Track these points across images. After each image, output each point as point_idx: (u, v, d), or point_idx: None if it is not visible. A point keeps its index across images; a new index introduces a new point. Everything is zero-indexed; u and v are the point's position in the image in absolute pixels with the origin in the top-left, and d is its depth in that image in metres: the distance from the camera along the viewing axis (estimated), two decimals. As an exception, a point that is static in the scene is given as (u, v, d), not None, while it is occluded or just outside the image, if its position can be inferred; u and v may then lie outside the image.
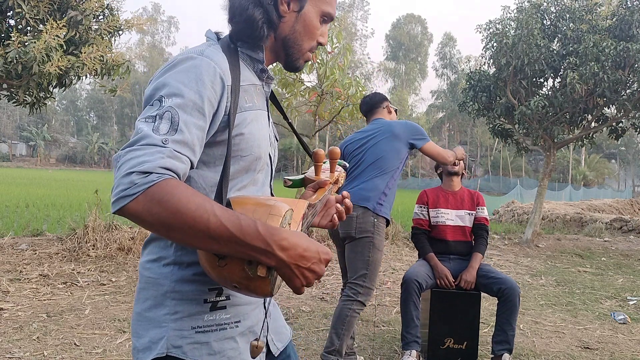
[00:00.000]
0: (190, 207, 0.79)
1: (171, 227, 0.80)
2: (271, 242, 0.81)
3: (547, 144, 9.58)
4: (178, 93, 0.91)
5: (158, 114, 0.88)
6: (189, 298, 0.98)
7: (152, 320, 0.98)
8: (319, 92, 6.65)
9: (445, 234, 3.46)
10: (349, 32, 53.02)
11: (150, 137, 0.85)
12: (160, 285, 0.99)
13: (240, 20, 1.04)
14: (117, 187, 0.80)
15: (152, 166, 0.81)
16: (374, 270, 2.82)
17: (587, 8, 8.93)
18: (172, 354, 0.95)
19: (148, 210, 0.79)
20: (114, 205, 0.80)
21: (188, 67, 0.94)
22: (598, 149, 45.67)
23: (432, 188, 3.62)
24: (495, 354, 3.13)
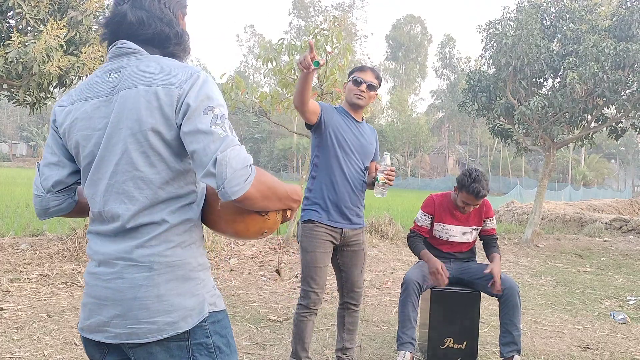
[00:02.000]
0: (274, 182, 1.19)
1: (267, 197, 1.16)
2: (299, 194, 1.29)
3: (546, 144, 9.59)
4: (222, 104, 1.17)
5: (220, 122, 1.13)
6: (206, 267, 1.26)
7: (183, 294, 1.18)
8: (319, 92, 6.66)
9: (448, 247, 3.45)
10: (349, 32, 53.02)
11: (234, 139, 1.12)
12: (187, 264, 1.20)
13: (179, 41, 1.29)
14: (237, 178, 1.08)
15: (250, 159, 1.12)
16: (306, 272, 2.75)
17: (586, 8, 8.95)
18: (212, 310, 1.23)
19: (257, 190, 1.12)
20: (237, 192, 1.09)
21: (213, 83, 1.20)
22: (598, 149, 45.66)
23: (441, 196, 3.46)
24: (504, 357, 3.12)
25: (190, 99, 1.14)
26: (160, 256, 1.16)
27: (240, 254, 6.33)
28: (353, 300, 2.94)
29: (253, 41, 66.30)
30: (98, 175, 1.20)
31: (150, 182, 1.17)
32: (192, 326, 1.19)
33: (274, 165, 58.30)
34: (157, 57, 1.22)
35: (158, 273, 1.16)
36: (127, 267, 1.16)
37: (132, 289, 1.16)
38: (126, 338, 1.17)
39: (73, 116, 1.23)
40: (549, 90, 9.62)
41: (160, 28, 1.23)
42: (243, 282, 5.27)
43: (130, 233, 1.17)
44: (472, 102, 9.91)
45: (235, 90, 6.60)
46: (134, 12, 1.22)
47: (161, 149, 1.16)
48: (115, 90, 1.18)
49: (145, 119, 1.14)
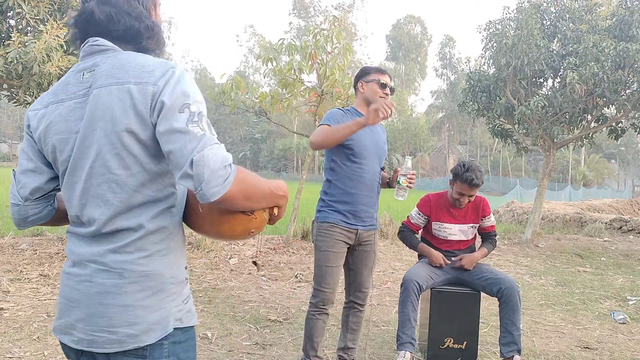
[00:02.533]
0: (256, 180, 1.14)
1: (250, 197, 1.12)
2: (285, 189, 1.24)
3: (546, 144, 9.59)
4: (199, 101, 1.12)
5: (198, 120, 1.08)
6: (179, 279, 1.20)
7: (150, 306, 1.13)
8: (319, 92, 6.65)
9: (447, 245, 3.46)
10: (349, 32, 53.02)
11: (212, 138, 1.07)
12: (160, 275, 1.14)
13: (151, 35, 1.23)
14: (216, 179, 1.03)
15: (230, 158, 1.08)
16: (318, 272, 2.79)
17: (586, 8, 8.94)
18: (176, 326, 1.16)
19: (238, 190, 1.07)
20: (216, 193, 1.04)
21: (190, 78, 1.14)
22: (598, 149, 45.64)
23: (438, 195, 3.48)
24: (505, 357, 3.12)
25: (165, 96, 1.08)
26: (132, 264, 1.12)
27: (240, 254, 6.33)
28: (359, 300, 2.95)
29: (253, 41, 66.28)
30: (74, 178, 1.15)
31: (125, 185, 1.11)
32: (154, 341, 1.13)
33: (274, 165, 58.28)
34: (131, 54, 1.16)
35: (128, 282, 1.11)
36: (98, 271, 1.12)
37: (99, 295, 1.11)
38: (87, 345, 1.13)
39: (47, 120, 1.17)
40: (549, 90, 9.62)
41: (130, 23, 1.18)
42: (243, 282, 5.27)
43: (106, 237, 1.13)
44: (472, 102, 9.91)
45: (235, 90, 6.60)
46: (101, 8, 1.16)
47: (136, 150, 1.11)
48: (89, 91, 1.13)
49: (118, 119, 1.09)
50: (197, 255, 6.03)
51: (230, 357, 3.26)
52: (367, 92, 2.83)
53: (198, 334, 3.60)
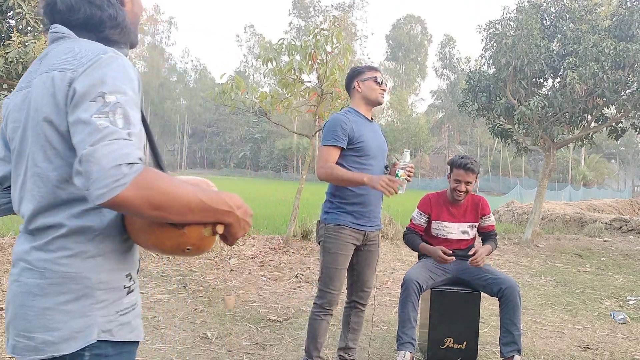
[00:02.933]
0: (175, 188, 0.96)
1: (160, 207, 0.94)
2: (232, 204, 1.05)
3: (546, 144, 9.59)
4: (120, 90, 0.99)
5: (110, 109, 0.96)
6: (113, 286, 1.07)
7: (72, 312, 1.02)
8: (319, 92, 6.65)
9: (446, 244, 3.46)
10: (349, 32, 53.01)
11: (118, 132, 0.94)
12: (85, 279, 1.03)
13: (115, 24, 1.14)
14: (104, 179, 0.89)
15: (134, 157, 0.92)
16: (326, 273, 2.78)
17: (586, 8, 8.94)
18: (102, 338, 1.04)
19: (138, 195, 0.91)
20: (103, 196, 0.89)
21: (118, 66, 1.02)
22: (598, 149, 45.64)
23: (437, 194, 3.50)
24: (505, 357, 3.12)
25: (79, 82, 0.99)
26: (54, 263, 1.03)
27: (240, 254, 6.33)
28: (361, 299, 2.96)
29: (253, 41, 66.30)
30: (17, 171, 1.10)
31: (47, 180, 1.03)
32: (73, 351, 1.02)
33: (274, 165, 58.28)
34: (80, 41, 1.09)
35: (49, 282, 1.02)
36: (24, 270, 1.05)
37: (22, 295, 1.04)
38: (11, 351, 1.06)
39: (8, 109, 1.14)
40: (549, 90, 9.62)
41: (91, 12, 1.11)
42: (243, 282, 5.27)
43: (33, 234, 1.06)
44: (472, 102, 9.91)
45: (235, 90, 6.60)
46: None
47: (56, 142, 1.02)
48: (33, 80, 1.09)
49: (40, 108, 1.03)
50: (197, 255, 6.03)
51: (230, 357, 3.26)
52: (365, 91, 2.84)
53: (198, 334, 3.60)
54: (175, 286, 4.86)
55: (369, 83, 2.84)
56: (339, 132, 2.69)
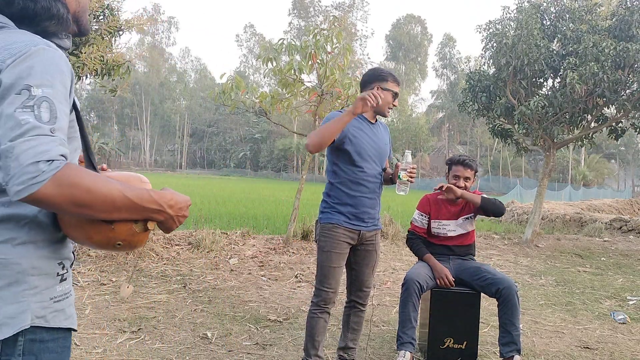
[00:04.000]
0: (99, 186, 0.97)
1: (82, 204, 0.96)
2: (162, 203, 1.07)
3: (546, 144, 9.59)
4: (48, 84, 0.98)
5: (35, 103, 0.96)
6: (46, 273, 1.07)
7: (4, 298, 1.02)
8: (319, 92, 6.65)
9: (447, 241, 3.47)
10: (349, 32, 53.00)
11: (40, 128, 0.94)
12: (16, 264, 1.03)
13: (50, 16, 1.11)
14: (21, 176, 0.90)
15: (54, 154, 0.93)
16: (320, 271, 2.80)
17: (586, 8, 8.94)
18: (36, 324, 1.04)
19: (58, 193, 0.92)
20: (20, 192, 0.91)
21: (53, 57, 1.02)
22: (598, 149, 45.64)
23: (435, 194, 3.51)
24: (504, 357, 3.12)
25: (5, 74, 0.97)
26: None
27: (240, 254, 6.33)
28: (360, 299, 2.97)
29: (253, 41, 66.33)
30: None
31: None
32: (6, 337, 1.01)
33: (274, 165, 58.29)
34: (15, 32, 1.06)
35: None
36: None
37: None
38: None
39: None
40: (549, 90, 9.62)
41: (24, 4, 1.08)
42: (243, 282, 5.27)
43: None
44: (472, 102, 9.91)
45: (235, 90, 6.60)
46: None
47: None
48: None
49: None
50: (197, 255, 6.03)
51: (230, 357, 3.26)
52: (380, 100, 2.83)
53: (198, 334, 3.61)
54: (175, 286, 4.86)
55: (387, 94, 2.82)
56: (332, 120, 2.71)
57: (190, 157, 72.24)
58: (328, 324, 2.90)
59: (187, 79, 71.45)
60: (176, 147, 71.08)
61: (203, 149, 71.17)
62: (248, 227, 7.80)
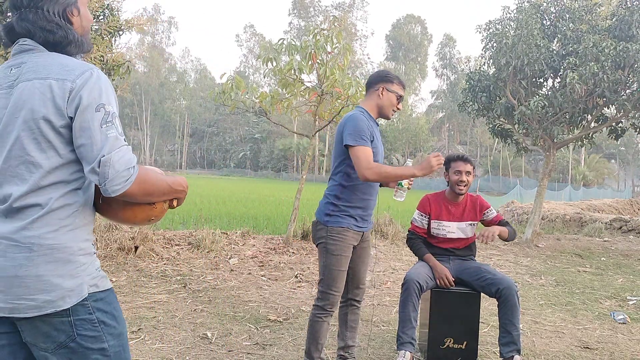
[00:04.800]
0: (157, 179, 1.37)
1: (149, 193, 1.35)
2: (184, 185, 1.48)
3: (546, 144, 9.59)
4: (112, 101, 1.30)
5: (111, 120, 1.27)
6: (88, 252, 1.36)
7: (62, 275, 1.28)
8: (319, 92, 6.65)
9: (446, 243, 3.47)
10: (349, 32, 53.01)
11: (120, 140, 1.27)
12: (68, 248, 1.29)
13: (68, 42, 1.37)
14: (119, 178, 1.24)
15: (134, 161, 1.28)
16: (329, 275, 2.76)
17: (586, 8, 8.94)
18: (92, 291, 1.34)
19: (138, 188, 1.29)
20: (117, 191, 1.25)
21: (106, 81, 1.32)
22: (598, 149, 45.67)
23: (435, 194, 3.52)
24: (504, 357, 3.12)
25: (84, 93, 1.25)
26: (40, 238, 1.25)
27: (240, 254, 6.33)
28: (357, 297, 2.98)
29: (253, 41, 66.33)
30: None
31: (39, 167, 1.26)
32: (71, 305, 1.29)
33: (274, 165, 58.26)
34: (55, 55, 1.33)
35: (37, 254, 1.25)
36: (10, 247, 1.25)
37: (14, 268, 1.24)
38: (8, 312, 1.27)
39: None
40: (549, 90, 9.62)
41: (45, 36, 1.33)
42: (243, 282, 5.27)
43: (16, 214, 1.26)
44: (472, 102, 9.91)
45: (235, 90, 6.60)
46: (20, 24, 1.33)
47: (51, 137, 1.26)
48: (14, 84, 1.29)
49: (37, 109, 1.25)
50: (197, 255, 6.03)
51: (230, 357, 3.26)
52: (385, 101, 2.83)
53: (198, 334, 3.61)
54: (175, 286, 4.86)
55: (392, 96, 2.83)
56: (367, 132, 2.67)
57: (190, 157, 72.24)
58: (330, 325, 2.90)
59: (187, 79, 71.46)
60: (176, 147, 71.09)
61: (203, 149, 71.18)
62: (248, 227, 7.80)
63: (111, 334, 1.37)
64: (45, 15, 1.34)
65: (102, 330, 1.36)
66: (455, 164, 3.38)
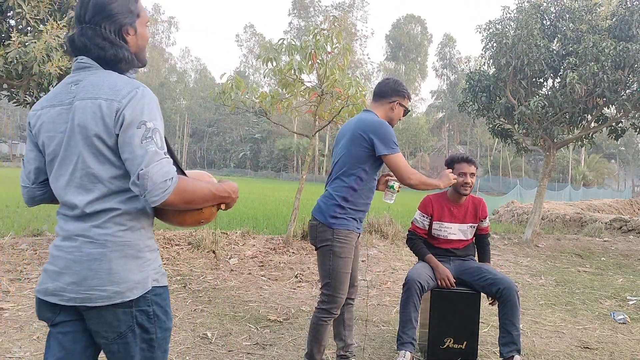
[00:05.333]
0: (197, 188, 1.46)
1: (189, 202, 1.44)
2: (229, 191, 1.57)
3: (546, 144, 9.58)
4: (155, 118, 1.41)
5: (151, 136, 1.37)
6: (153, 249, 1.52)
7: (130, 269, 1.43)
8: (319, 92, 6.64)
9: (447, 244, 3.47)
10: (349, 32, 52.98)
11: (159, 154, 1.37)
12: (135, 245, 1.45)
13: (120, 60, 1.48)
14: (157, 190, 1.34)
15: (173, 173, 1.38)
16: (336, 278, 2.74)
17: (586, 8, 8.93)
18: (155, 285, 1.49)
19: (177, 198, 1.38)
20: (156, 201, 1.35)
21: (152, 97, 1.43)
22: (598, 149, 45.65)
23: (437, 195, 3.52)
24: (504, 357, 3.12)
25: (127, 111, 1.37)
26: (113, 236, 1.41)
27: (240, 254, 6.33)
28: (352, 295, 3.02)
29: (253, 41, 66.29)
30: (60, 172, 1.45)
31: (101, 178, 1.41)
32: (137, 296, 1.43)
33: (274, 165, 58.24)
34: (107, 73, 1.46)
35: (110, 250, 1.41)
36: (85, 243, 1.40)
37: (88, 261, 1.40)
38: (80, 302, 1.41)
39: (42, 120, 1.48)
40: (549, 90, 9.61)
41: (99, 53, 1.45)
42: (243, 282, 5.27)
43: (89, 216, 1.41)
44: (472, 102, 9.90)
45: (235, 90, 6.60)
46: (80, 39, 1.46)
47: (106, 152, 1.40)
48: (73, 101, 1.43)
49: (90, 127, 1.38)
50: (197, 255, 6.03)
51: (230, 357, 3.26)
52: (395, 115, 2.93)
53: (198, 334, 3.61)
54: (175, 286, 4.86)
55: (402, 111, 2.96)
56: (395, 139, 2.80)
57: (190, 157, 72.21)
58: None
59: (187, 79, 71.42)
60: (176, 147, 70.99)
61: (203, 149, 71.16)
62: (248, 227, 7.80)
63: (161, 328, 1.51)
64: (102, 32, 1.46)
65: (155, 323, 1.49)
66: (460, 165, 3.37)
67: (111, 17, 1.48)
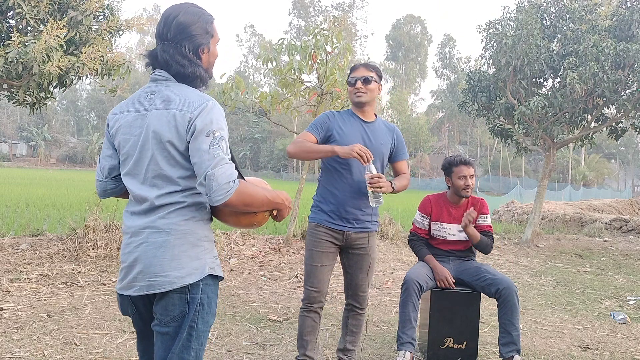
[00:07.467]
0: (255, 192, 1.59)
1: (248, 204, 1.57)
2: (283, 198, 1.69)
3: (546, 144, 9.59)
4: (222, 128, 1.57)
5: (218, 143, 1.53)
6: (211, 239, 1.67)
7: (191, 256, 1.58)
8: (319, 92, 6.64)
9: (446, 245, 3.47)
10: (349, 32, 52.99)
11: (224, 159, 1.52)
12: (196, 234, 1.60)
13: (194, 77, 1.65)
14: (220, 191, 1.48)
15: (234, 176, 1.52)
16: (304, 270, 2.84)
17: (586, 8, 8.94)
18: (210, 273, 1.61)
19: (237, 199, 1.52)
20: (220, 201, 1.49)
21: (219, 110, 1.59)
22: (598, 149, 45.64)
23: (437, 196, 3.52)
24: (504, 357, 3.12)
25: (198, 121, 1.53)
26: (176, 225, 1.57)
27: (240, 254, 6.33)
28: (357, 303, 2.93)
29: (253, 41, 66.27)
30: (135, 171, 1.61)
31: (171, 177, 1.57)
32: (194, 281, 1.57)
33: (274, 165, 58.23)
34: (181, 87, 1.62)
35: (174, 237, 1.56)
36: (152, 234, 1.57)
37: (154, 249, 1.55)
38: (146, 289, 1.56)
39: (119, 123, 1.65)
40: (549, 90, 9.61)
41: (178, 70, 1.62)
42: (243, 282, 5.27)
43: (156, 209, 1.57)
44: (472, 102, 9.91)
45: (235, 90, 6.59)
46: (162, 54, 1.62)
47: (177, 156, 1.56)
48: (149, 108, 1.60)
49: (164, 134, 1.55)
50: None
51: (230, 357, 3.26)
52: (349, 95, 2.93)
53: (198, 334, 3.61)
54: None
55: (348, 87, 2.89)
56: (318, 123, 2.77)
57: (190, 157, 72.17)
58: (319, 324, 2.86)
59: (187, 79, 71.30)
60: (176, 147, 70.93)
61: (203, 149, 71.09)
62: (248, 227, 7.79)
63: (203, 318, 1.60)
64: (182, 51, 1.62)
65: (199, 312, 1.59)
66: (459, 169, 3.34)
67: (191, 38, 1.64)
